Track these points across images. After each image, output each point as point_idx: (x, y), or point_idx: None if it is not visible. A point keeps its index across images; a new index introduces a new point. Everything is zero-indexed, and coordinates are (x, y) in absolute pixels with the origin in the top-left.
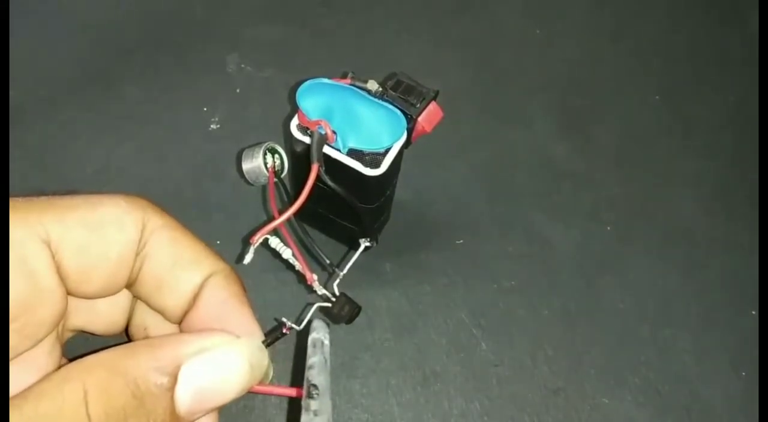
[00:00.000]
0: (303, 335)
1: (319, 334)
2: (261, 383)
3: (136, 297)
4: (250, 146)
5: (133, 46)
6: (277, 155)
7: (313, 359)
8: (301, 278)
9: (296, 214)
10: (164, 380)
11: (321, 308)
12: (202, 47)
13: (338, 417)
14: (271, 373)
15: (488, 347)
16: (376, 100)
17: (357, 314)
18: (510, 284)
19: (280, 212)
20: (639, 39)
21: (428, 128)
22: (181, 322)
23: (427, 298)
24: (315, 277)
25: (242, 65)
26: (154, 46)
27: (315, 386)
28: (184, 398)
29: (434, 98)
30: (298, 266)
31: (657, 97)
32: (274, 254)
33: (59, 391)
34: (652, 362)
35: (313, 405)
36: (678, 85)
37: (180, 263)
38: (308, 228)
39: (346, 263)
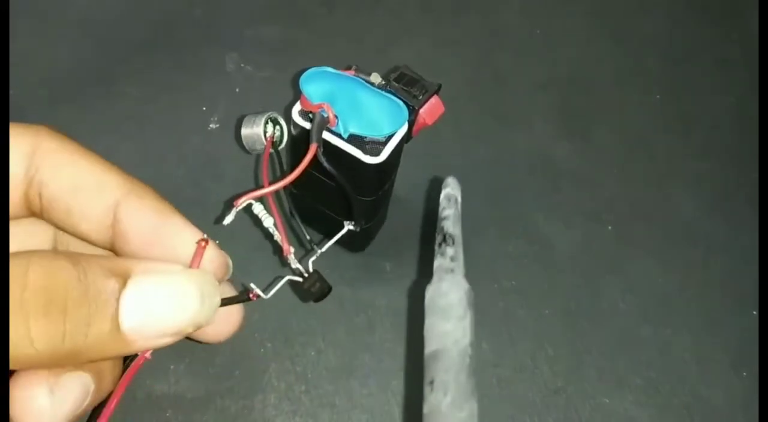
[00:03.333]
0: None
1: (454, 190)
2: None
3: (56, 227)
4: (252, 113)
5: (132, 46)
6: (278, 126)
7: (448, 211)
8: (277, 249)
9: (287, 187)
10: (113, 283)
11: (291, 282)
12: (201, 47)
13: (338, 417)
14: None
15: (488, 347)
16: (379, 90)
17: (326, 293)
18: (510, 284)
19: (271, 184)
20: (639, 39)
21: (430, 121)
22: (114, 251)
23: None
24: (292, 249)
25: (242, 65)
26: (153, 45)
27: (451, 235)
28: (129, 310)
29: (437, 92)
30: (277, 236)
31: (657, 97)
32: (255, 222)
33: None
34: (652, 362)
35: (450, 251)
36: (678, 86)
37: (82, 187)
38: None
39: (326, 243)
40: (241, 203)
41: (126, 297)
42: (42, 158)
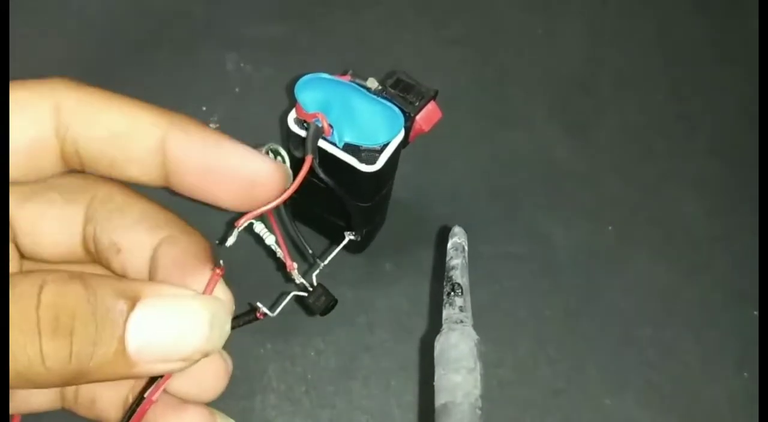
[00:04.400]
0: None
1: (461, 239)
2: None
3: (104, 177)
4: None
5: (131, 45)
6: (279, 158)
7: (456, 261)
8: (281, 266)
9: (285, 202)
10: (122, 304)
11: (297, 298)
12: (200, 46)
13: (338, 418)
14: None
15: (488, 348)
16: (374, 96)
17: (332, 307)
18: (511, 285)
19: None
20: (640, 38)
21: (426, 128)
22: (172, 187)
23: (427, 298)
24: (295, 265)
25: (241, 64)
26: (152, 44)
27: (459, 285)
28: (136, 332)
29: (433, 98)
30: (279, 253)
31: (659, 97)
32: (257, 240)
33: (18, 279)
34: (653, 362)
35: (459, 301)
36: (679, 85)
37: (118, 134)
38: (300, 225)
39: (328, 255)
40: (242, 223)
41: (133, 319)
42: (70, 113)
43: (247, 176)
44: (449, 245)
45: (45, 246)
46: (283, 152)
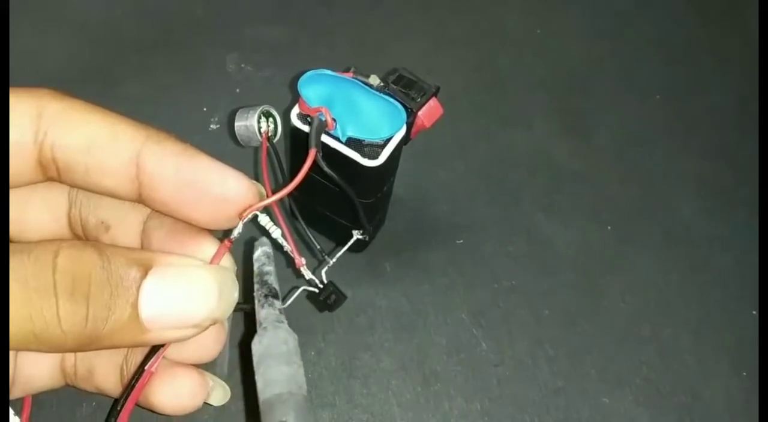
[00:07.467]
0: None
1: (270, 249)
2: None
3: (78, 187)
4: (245, 107)
5: (132, 46)
6: (271, 119)
7: (269, 267)
8: (289, 260)
9: (290, 194)
10: (135, 272)
11: (308, 293)
12: (201, 47)
13: (338, 417)
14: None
15: (488, 347)
16: (377, 92)
17: (342, 303)
18: (510, 284)
19: (274, 191)
20: (639, 39)
21: (428, 123)
22: (144, 202)
23: (427, 298)
24: (304, 261)
25: (242, 65)
26: (153, 45)
27: (276, 290)
28: (149, 299)
29: (435, 94)
30: (287, 247)
31: (657, 96)
32: (263, 232)
33: (32, 246)
34: (652, 362)
35: (277, 303)
36: (678, 85)
37: (95, 143)
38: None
39: (337, 252)
40: (246, 215)
41: (146, 286)
42: (50, 121)
43: (220, 193)
44: (259, 252)
45: (30, 232)
46: (276, 114)
